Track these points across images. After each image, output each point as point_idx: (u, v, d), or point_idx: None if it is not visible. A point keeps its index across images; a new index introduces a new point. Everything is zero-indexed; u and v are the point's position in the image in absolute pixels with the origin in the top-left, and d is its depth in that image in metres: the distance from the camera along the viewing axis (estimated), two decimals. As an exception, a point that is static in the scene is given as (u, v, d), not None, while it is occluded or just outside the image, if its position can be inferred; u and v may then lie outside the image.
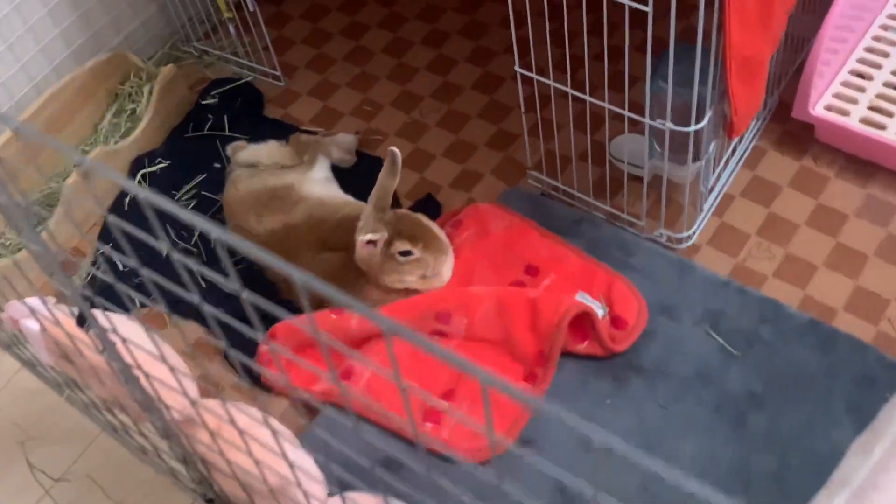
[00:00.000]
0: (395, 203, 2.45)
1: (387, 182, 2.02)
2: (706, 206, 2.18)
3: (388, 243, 2.00)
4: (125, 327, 1.15)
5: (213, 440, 1.19)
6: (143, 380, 1.17)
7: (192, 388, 1.25)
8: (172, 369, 1.10)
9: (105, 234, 2.54)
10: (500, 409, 1.96)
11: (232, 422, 1.12)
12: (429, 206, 2.36)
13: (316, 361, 2.16)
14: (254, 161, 2.38)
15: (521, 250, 2.14)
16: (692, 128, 1.92)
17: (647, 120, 1.97)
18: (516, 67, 2.07)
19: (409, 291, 2.12)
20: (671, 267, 2.15)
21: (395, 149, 2.02)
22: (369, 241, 1.98)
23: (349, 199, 2.33)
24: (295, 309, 2.26)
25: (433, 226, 2.07)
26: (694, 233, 2.17)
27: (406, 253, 2.02)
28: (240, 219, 2.29)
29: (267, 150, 2.41)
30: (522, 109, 2.16)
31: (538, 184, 2.31)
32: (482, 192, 2.36)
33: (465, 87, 2.63)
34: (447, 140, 2.50)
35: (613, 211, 2.20)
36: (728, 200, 2.24)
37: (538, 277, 2.16)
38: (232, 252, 2.33)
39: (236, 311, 0.92)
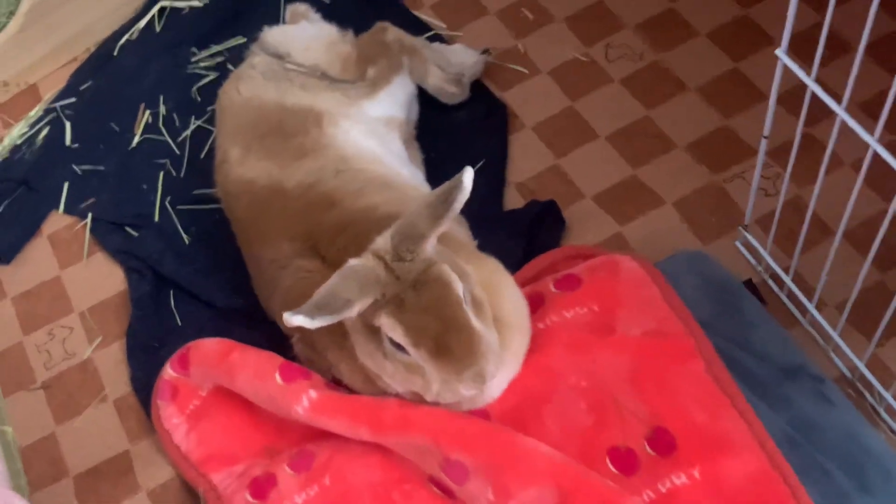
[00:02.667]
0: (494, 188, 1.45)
1: (424, 223, 1.08)
2: None
3: (372, 311, 1.08)
4: None
5: None
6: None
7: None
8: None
9: (76, 80, 1.80)
10: None
11: None
12: (544, 220, 1.53)
13: (241, 423, 1.33)
14: (283, 51, 1.48)
15: (659, 395, 1.20)
16: None
17: None
18: (779, 52, 1.01)
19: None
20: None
21: (470, 173, 1.06)
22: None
23: (403, 176, 1.40)
24: (255, 307, 1.43)
25: (474, 323, 1.05)
26: None
27: (398, 346, 1.08)
28: (225, 137, 1.46)
29: (309, 40, 1.51)
30: (771, 109, 1.17)
31: (751, 255, 1.47)
32: (644, 236, 1.54)
33: (699, 31, 1.75)
34: (628, 114, 1.68)
35: (868, 376, 1.25)
36: None
37: (669, 460, 1.15)
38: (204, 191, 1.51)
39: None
